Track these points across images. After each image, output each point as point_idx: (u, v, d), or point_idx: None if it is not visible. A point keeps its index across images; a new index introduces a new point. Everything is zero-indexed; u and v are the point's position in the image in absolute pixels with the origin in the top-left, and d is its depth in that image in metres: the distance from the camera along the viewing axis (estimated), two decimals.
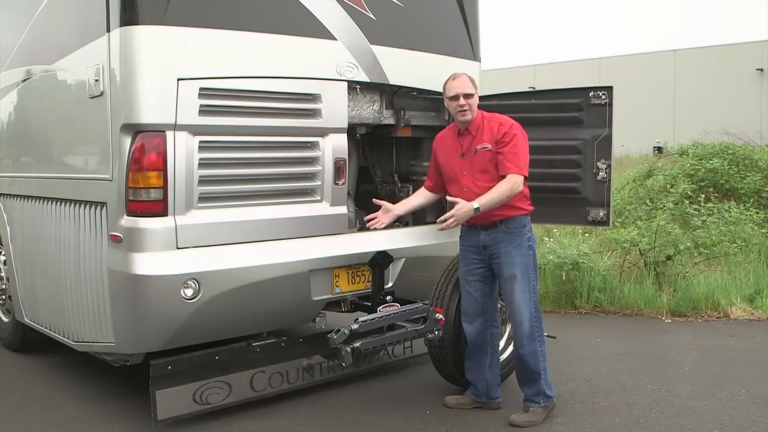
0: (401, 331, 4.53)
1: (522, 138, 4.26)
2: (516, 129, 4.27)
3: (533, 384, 4.35)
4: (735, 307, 6.99)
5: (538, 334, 4.33)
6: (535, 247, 4.39)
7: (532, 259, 4.33)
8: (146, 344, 4.13)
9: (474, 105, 4.33)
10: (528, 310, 4.29)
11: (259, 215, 4.34)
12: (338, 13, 4.56)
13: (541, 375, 4.33)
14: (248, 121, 4.25)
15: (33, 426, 4.39)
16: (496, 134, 4.26)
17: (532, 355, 4.31)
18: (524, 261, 4.29)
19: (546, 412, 4.35)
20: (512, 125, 4.29)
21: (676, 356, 5.72)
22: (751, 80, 27.39)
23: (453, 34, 5.26)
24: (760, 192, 10.28)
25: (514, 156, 4.20)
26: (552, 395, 4.41)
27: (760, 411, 4.50)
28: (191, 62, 4.00)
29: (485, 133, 4.31)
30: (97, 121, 4.15)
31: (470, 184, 4.32)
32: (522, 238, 4.30)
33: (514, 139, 4.23)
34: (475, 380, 4.54)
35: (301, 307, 4.59)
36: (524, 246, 4.30)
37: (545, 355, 4.37)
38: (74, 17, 4.49)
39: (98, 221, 4.21)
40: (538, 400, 4.35)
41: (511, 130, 4.26)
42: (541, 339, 4.35)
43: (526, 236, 4.31)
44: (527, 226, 4.34)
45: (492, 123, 4.33)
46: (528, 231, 4.34)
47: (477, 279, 4.44)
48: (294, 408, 4.60)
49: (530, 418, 4.30)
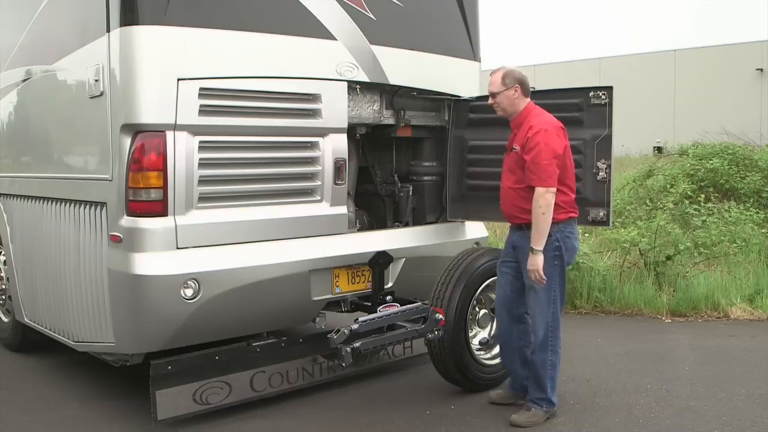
0: (401, 331, 4.53)
1: (545, 146, 4.06)
2: (541, 137, 4.08)
3: (538, 389, 4.33)
4: (735, 307, 6.98)
5: (551, 343, 4.28)
6: (565, 256, 4.22)
7: (557, 269, 4.21)
8: (146, 344, 4.13)
9: (502, 102, 4.28)
10: (544, 320, 4.25)
11: (259, 215, 4.34)
12: (338, 13, 4.56)
13: (548, 384, 4.30)
14: (248, 121, 4.26)
15: (33, 426, 4.39)
16: (524, 138, 4.17)
17: (542, 363, 4.29)
18: (546, 271, 4.15)
19: (547, 415, 4.34)
20: (538, 132, 4.10)
21: (676, 356, 5.72)
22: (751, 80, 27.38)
23: (453, 34, 5.26)
24: (760, 192, 10.27)
25: (536, 166, 4.07)
26: (555, 402, 4.37)
27: (760, 411, 4.50)
28: (191, 62, 4.00)
29: (520, 134, 4.24)
30: (97, 121, 4.15)
31: (503, 183, 4.37)
32: (546, 247, 4.12)
33: (535, 148, 4.08)
34: (510, 372, 4.59)
35: (301, 307, 4.59)
36: (549, 256, 4.14)
37: (555, 365, 4.31)
38: (74, 17, 4.49)
39: (98, 221, 4.21)
40: (540, 403, 4.33)
41: (535, 137, 4.09)
42: (554, 349, 4.29)
43: (552, 245, 4.15)
44: (554, 236, 4.14)
45: (527, 125, 4.21)
46: (555, 240, 4.16)
47: (509, 272, 4.44)
48: (294, 408, 4.59)
49: (530, 418, 4.30)
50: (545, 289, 4.22)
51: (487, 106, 4.55)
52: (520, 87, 4.27)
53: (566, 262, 4.29)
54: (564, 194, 4.22)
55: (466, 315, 4.70)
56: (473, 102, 5.20)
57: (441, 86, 5.15)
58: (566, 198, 4.23)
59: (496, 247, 5.31)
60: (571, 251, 4.30)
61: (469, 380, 4.76)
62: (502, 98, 4.28)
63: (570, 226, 4.28)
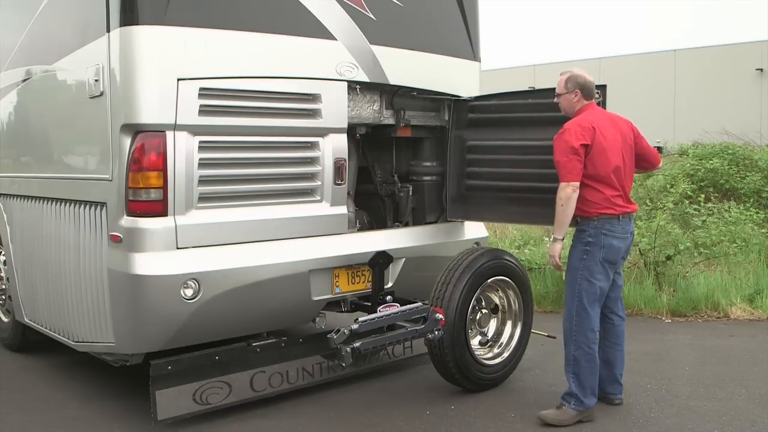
0: (401, 331, 4.53)
1: (561, 144, 4.18)
2: (559, 135, 4.21)
3: (568, 382, 4.33)
4: (735, 307, 6.98)
5: (575, 338, 4.28)
6: (596, 251, 4.23)
7: (584, 263, 4.26)
8: (146, 344, 4.13)
9: (562, 104, 4.39)
10: (568, 311, 4.34)
11: (259, 215, 4.34)
12: (338, 13, 4.56)
13: (571, 378, 4.30)
14: (248, 121, 4.26)
15: (33, 426, 4.39)
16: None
17: (566, 356, 4.36)
18: (573, 264, 4.31)
19: (578, 415, 4.27)
20: (563, 131, 4.21)
21: (676, 356, 5.72)
22: (751, 80, 27.35)
23: (453, 34, 5.26)
24: (760, 192, 10.29)
25: (556, 164, 4.21)
26: (587, 402, 4.28)
27: (760, 411, 4.50)
28: (191, 62, 4.00)
29: None
30: (97, 121, 4.15)
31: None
32: (578, 241, 4.30)
33: (556, 145, 4.22)
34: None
35: (301, 307, 4.59)
36: (578, 249, 4.29)
37: (579, 361, 4.27)
38: (74, 17, 4.49)
39: (98, 221, 4.21)
40: (568, 400, 4.29)
41: (560, 136, 4.21)
42: (578, 345, 4.27)
43: (583, 240, 4.26)
44: (587, 231, 4.24)
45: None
46: (588, 236, 4.24)
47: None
48: (294, 408, 4.59)
49: (558, 416, 4.27)
50: (571, 282, 4.32)
51: (486, 106, 4.55)
52: (581, 91, 4.34)
53: (601, 258, 4.25)
54: (596, 191, 4.22)
55: (466, 315, 4.69)
56: (473, 102, 5.21)
57: (441, 86, 5.15)
58: (598, 195, 4.23)
59: (496, 248, 5.31)
60: (608, 248, 4.25)
61: (469, 380, 4.75)
62: (563, 100, 4.40)
63: (608, 224, 4.25)
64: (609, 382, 4.54)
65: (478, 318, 4.95)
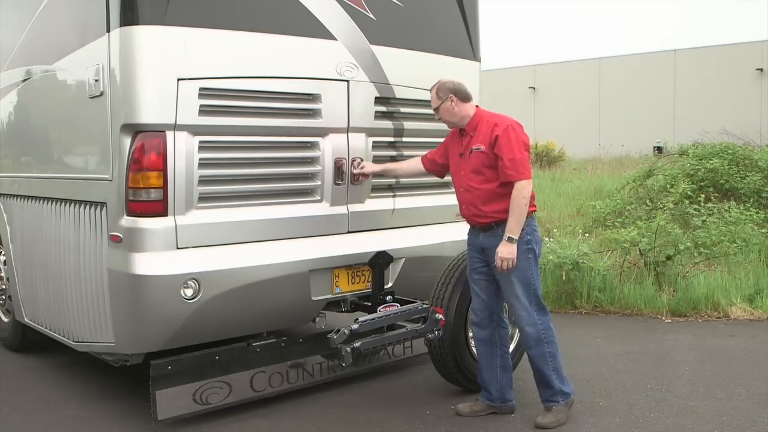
0: (401, 331, 4.54)
1: (517, 141, 4.15)
2: (511, 132, 4.16)
3: (548, 385, 4.32)
4: (735, 307, 6.98)
5: (544, 336, 4.26)
6: (536, 248, 4.26)
7: (531, 262, 4.23)
8: (146, 344, 4.13)
9: (444, 116, 4.37)
10: (528, 314, 4.24)
11: (259, 215, 4.34)
12: (338, 13, 4.56)
13: (553, 375, 4.30)
14: (248, 121, 4.26)
15: (33, 426, 4.39)
16: (491, 137, 4.20)
17: (541, 357, 4.28)
18: (522, 265, 4.19)
19: (568, 408, 4.34)
20: (507, 127, 4.17)
21: (676, 356, 5.72)
22: (751, 80, 27.37)
23: (453, 34, 5.26)
24: (760, 192, 10.27)
25: (513, 162, 4.12)
26: (569, 391, 4.36)
27: (760, 411, 4.50)
28: (191, 62, 4.00)
29: (481, 134, 4.27)
30: (97, 121, 4.15)
31: (466, 184, 4.32)
32: (519, 242, 4.16)
33: (509, 142, 4.13)
34: (488, 383, 4.46)
35: (301, 307, 4.59)
36: (521, 250, 4.17)
37: (555, 355, 4.29)
38: (74, 17, 4.49)
39: (98, 221, 4.21)
40: (557, 399, 4.31)
41: (505, 132, 4.15)
42: (549, 340, 4.27)
43: (523, 240, 4.18)
44: (525, 229, 4.17)
45: (487, 124, 4.26)
46: (526, 234, 4.19)
47: (482, 278, 4.40)
48: (294, 408, 4.60)
49: (555, 417, 4.28)
50: (524, 285, 4.22)
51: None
52: (455, 95, 4.32)
53: (537, 254, 4.31)
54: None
55: (466, 315, 4.70)
56: None
57: None
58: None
59: None
60: (539, 243, 4.35)
61: (469, 380, 4.75)
62: (442, 111, 4.38)
63: (534, 220, 4.34)
64: (507, 387, 4.50)
65: None
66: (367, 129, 4.74)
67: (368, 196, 4.82)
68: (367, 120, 4.74)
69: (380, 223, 4.91)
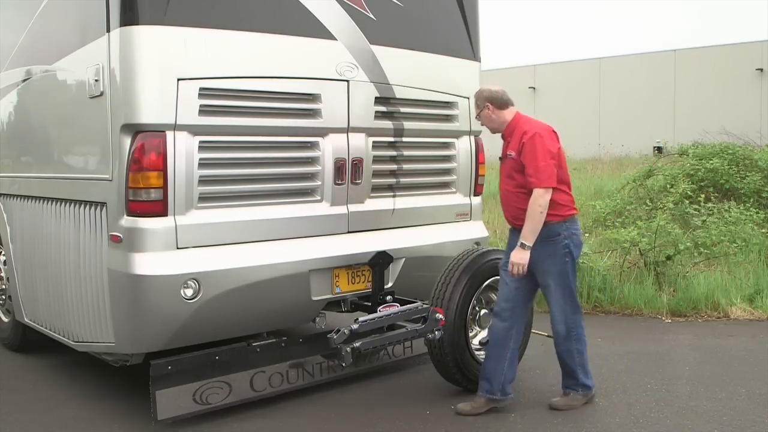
0: (401, 331, 4.54)
1: (542, 147, 4.22)
2: (537, 140, 4.23)
3: (572, 376, 4.55)
4: (735, 307, 6.98)
5: (574, 333, 4.47)
6: (574, 251, 4.38)
7: (569, 265, 4.36)
8: (146, 344, 4.13)
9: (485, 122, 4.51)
10: (563, 314, 4.43)
11: (259, 215, 4.34)
12: (338, 13, 4.56)
13: (578, 370, 4.51)
14: (248, 121, 4.26)
15: (33, 426, 4.39)
16: (519, 144, 4.29)
17: (568, 353, 4.49)
18: (559, 269, 4.35)
19: (585, 399, 4.54)
20: (533, 136, 4.24)
21: (676, 356, 5.72)
22: (751, 80, 27.35)
23: (453, 34, 5.26)
24: (760, 192, 10.27)
25: (535, 169, 4.20)
26: (591, 385, 4.58)
27: (760, 411, 4.50)
28: (191, 62, 4.00)
29: (513, 140, 4.37)
30: (97, 121, 4.15)
31: (504, 187, 4.47)
32: (556, 246, 4.30)
33: (533, 150, 4.22)
34: (492, 374, 4.48)
35: (301, 307, 4.59)
36: (559, 254, 4.32)
37: (582, 352, 4.51)
38: (74, 17, 4.49)
39: (98, 221, 4.22)
40: (576, 388, 4.54)
41: (531, 140, 4.23)
42: (578, 338, 4.49)
43: (561, 243, 4.31)
44: (562, 234, 4.30)
45: (519, 131, 4.34)
46: (564, 238, 4.31)
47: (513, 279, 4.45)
48: (294, 408, 4.60)
49: (568, 402, 4.51)
50: (561, 287, 4.38)
51: None
52: (491, 104, 4.43)
53: (575, 256, 4.43)
54: (564, 193, 4.38)
55: (466, 315, 4.70)
56: None
57: (441, 86, 5.15)
58: (567, 197, 4.40)
59: (496, 247, 5.31)
60: (578, 246, 4.48)
61: (469, 380, 4.75)
62: (483, 119, 4.53)
63: (575, 223, 4.44)
64: (509, 381, 4.53)
65: (478, 318, 4.95)
66: (367, 129, 4.75)
67: (368, 196, 4.82)
68: (367, 120, 4.74)
69: (380, 223, 4.91)
